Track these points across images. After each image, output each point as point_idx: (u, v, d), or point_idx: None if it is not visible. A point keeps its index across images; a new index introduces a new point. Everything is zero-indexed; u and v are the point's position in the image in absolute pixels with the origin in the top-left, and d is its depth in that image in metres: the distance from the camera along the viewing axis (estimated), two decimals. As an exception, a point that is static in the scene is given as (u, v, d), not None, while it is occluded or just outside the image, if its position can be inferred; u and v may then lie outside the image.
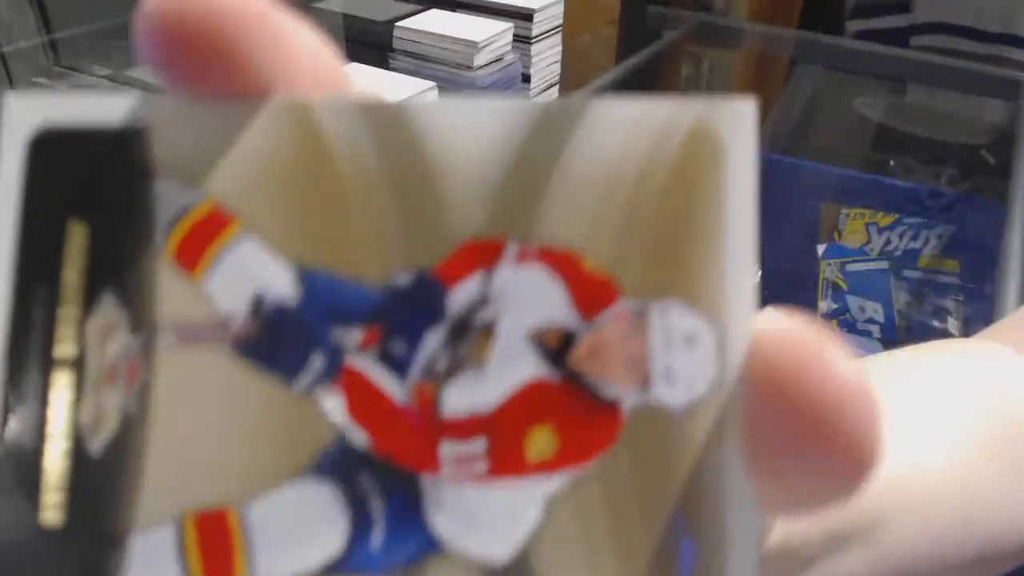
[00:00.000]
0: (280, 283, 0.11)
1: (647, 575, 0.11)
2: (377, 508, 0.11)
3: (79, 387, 0.11)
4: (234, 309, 0.11)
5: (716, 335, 0.11)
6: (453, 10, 0.89)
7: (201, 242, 0.11)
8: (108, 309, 0.11)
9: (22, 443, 0.11)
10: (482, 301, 0.11)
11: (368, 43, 0.87)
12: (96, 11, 0.87)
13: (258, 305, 0.11)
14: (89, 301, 0.11)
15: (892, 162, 1.15)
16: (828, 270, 0.96)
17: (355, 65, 0.79)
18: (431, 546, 0.11)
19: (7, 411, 0.11)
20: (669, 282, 0.11)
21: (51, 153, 0.11)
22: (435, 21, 0.85)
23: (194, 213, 0.11)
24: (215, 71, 0.11)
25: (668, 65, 1.26)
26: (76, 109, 0.11)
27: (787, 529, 0.19)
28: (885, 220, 0.94)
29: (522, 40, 0.86)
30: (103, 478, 0.11)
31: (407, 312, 0.11)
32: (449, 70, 0.82)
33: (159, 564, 0.11)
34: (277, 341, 0.11)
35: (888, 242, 0.94)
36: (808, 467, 0.10)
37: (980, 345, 0.32)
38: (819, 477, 0.10)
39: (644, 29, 1.19)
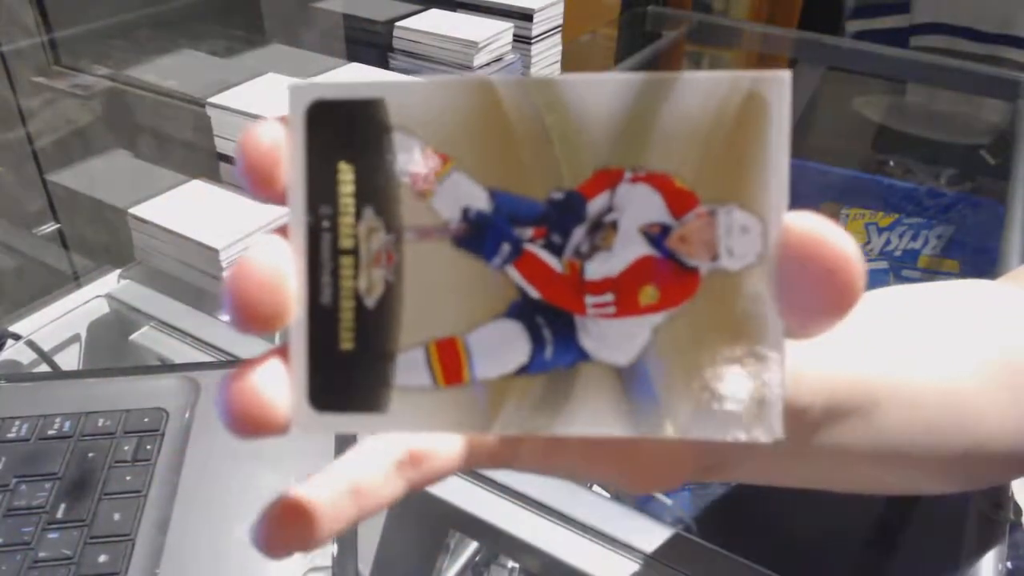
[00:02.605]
0: (479, 199, 0.17)
1: (717, 370, 0.16)
2: (548, 335, 0.17)
3: (356, 267, 0.17)
4: (452, 216, 0.17)
5: (761, 225, 0.16)
6: (453, 10, 0.89)
7: (428, 173, 0.17)
8: (370, 218, 0.17)
9: (326, 303, 0.17)
10: (609, 208, 0.17)
11: (368, 43, 0.87)
12: (96, 11, 0.87)
13: (466, 213, 0.17)
14: (358, 213, 0.17)
15: (892, 162, 1.15)
16: (828, 270, 0.96)
17: (355, 65, 0.79)
18: (583, 355, 0.17)
19: (314, 284, 0.17)
20: (731, 193, 0.16)
21: (321, 119, 0.17)
22: (435, 21, 0.85)
23: (423, 154, 0.17)
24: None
25: (668, 65, 1.26)
26: (335, 89, 0.17)
27: (793, 392, 0.24)
28: (885, 220, 0.94)
29: (522, 40, 0.86)
30: (377, 322, 0.17)
31: (562, 216, 0.17)
32: (449, 70, 0.82)
33: (416, 371, 0.17)
34: (479, 236, 0.17)
35: (888, 242, 0.94)
36: (818, 299, 0.16)
37: (999, 285, 0.35)
38: (820, 304, 0.16)
39: (644, 29, 1.18)
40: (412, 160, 0.17)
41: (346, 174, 0.17)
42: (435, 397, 0.17)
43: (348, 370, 0.17)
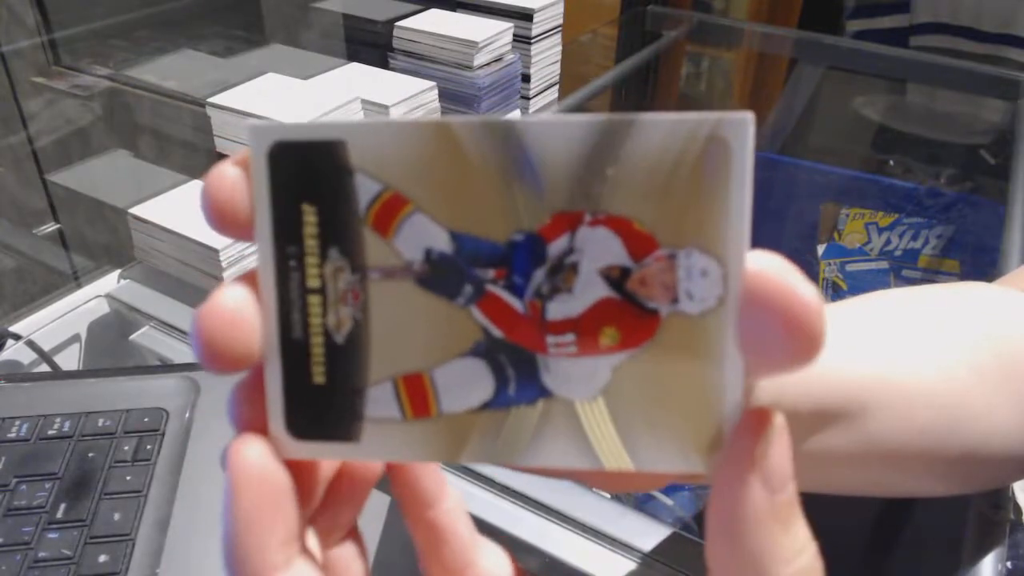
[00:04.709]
0: (441, 241, 0.17)
1: (676, 408, 0.17)
2: (511, 373, 0.17)
3: (324, 305, 0.18)
4: (414, 257, 0.17)
5: (721, 269, 0.16)
6: (453, 10, 0.89)
7: (389, 215, 0.17)
8: (335, 258, 0.17)
9: (297, 338, 0.18)
10: (570, 250, 0.17)
11: (368, 43, 0.87)
12: (96, 11, 0.87)
13: (428, 255, 0.17)
14: (323, 254, 0.17)
15: (892, 162, 1.15)
16: (828, 270, 0.96)
17: (355, 65, 0.79)
18: (544, 393, 0.17)
19: (285, 321, 0.18)
20: (692, 236, 0.16)
21: (284, 159, 0.17)
22: (435, 21, 0.85)
23: (382, 197, 0.17)
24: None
25: (668, 65, 1.26)
26: (296, 130, 0.17)
27: (777, 397, 0.23)
28: (885, 220, 0.94)
29: (522, 40, 0.86)
30: (346, 357, 0.18)
31: (523, 258, 0.17)
32: (449, 70, 0.82)
33: (385, 404, 0.18)
34: (442, 277, 0.17)
35: (888, 242, 0.94)
36: (780, 345, 0.15)
37: (993, 288, 0.35)
38: (783, 354, 0.15)
39: (644, 29, 1.19)
40: (374, 201, 0.17)
41: (310, 215, 0.17)
42: (405, 428, 0.18)
43: (321, 402, 0.18)
